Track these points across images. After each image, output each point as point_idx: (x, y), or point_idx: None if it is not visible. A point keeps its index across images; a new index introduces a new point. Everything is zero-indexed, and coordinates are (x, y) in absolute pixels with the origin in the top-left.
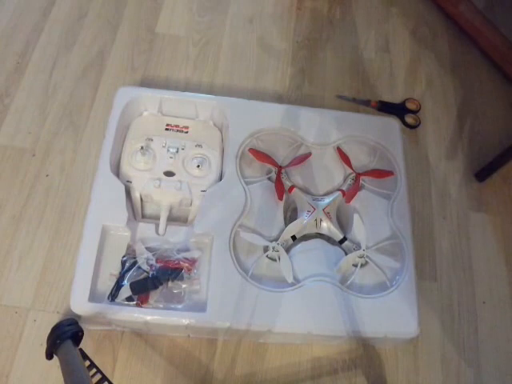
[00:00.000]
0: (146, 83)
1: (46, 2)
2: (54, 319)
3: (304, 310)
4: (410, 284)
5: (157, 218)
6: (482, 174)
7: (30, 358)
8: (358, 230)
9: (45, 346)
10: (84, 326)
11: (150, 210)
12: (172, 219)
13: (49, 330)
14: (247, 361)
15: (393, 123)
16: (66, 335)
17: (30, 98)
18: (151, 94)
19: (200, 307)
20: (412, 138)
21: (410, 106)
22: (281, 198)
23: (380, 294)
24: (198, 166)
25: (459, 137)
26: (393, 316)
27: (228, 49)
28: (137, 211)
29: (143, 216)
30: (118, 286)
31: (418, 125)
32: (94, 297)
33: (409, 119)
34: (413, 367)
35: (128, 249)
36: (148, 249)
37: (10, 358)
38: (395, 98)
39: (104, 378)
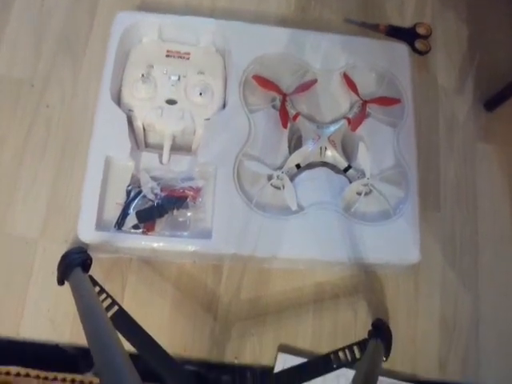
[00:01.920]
0: (145, 7)
1: None
2: (63, 248)
3: (308, 237)
4: (413, 212)
5: (160, 147)
6: (492, 103)
7: (44, 284)
8: (363, 159)
9: (56, 273)
10: (92, 254)
11: (153, 139)
12: (175, 148)
13: (59, 259)
14: (252, 285)
15: (402, 49)
16: (75, 263)
17: (22, 26)
18: (151, 18)
19: (205, 235)
20: (421, 64)
21: (421, 30)
22: (285, 126)
23: (383, 222)
24: (201, 94)
25: (470, 65)
26: (395, 243)
27: None
28: (140, 141)
29: (146, 145)
30: (124, 214)
31: (428, 51)
32: (100, 225)
33: (419, 45)
34: (413, 293)
35: (132, 178)
36: (152, 178)
37: (25, 285)
38: (405, 22)
39: (114, 302)
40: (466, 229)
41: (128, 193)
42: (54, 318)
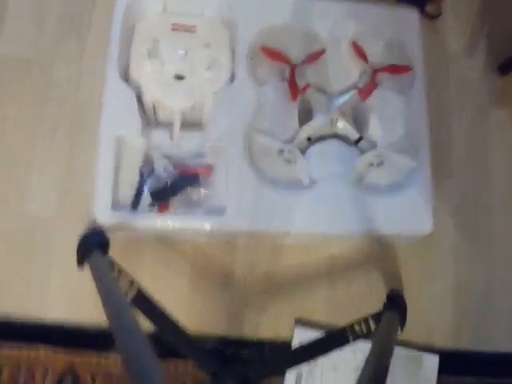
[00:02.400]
0: None
1: None
2: (81, 228)
3: (320, 211)
4: (425, 182)
5: (171, 124)
6: (506, 66)
7: (64, 265)
8: (374, 129)
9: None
10: (109, 234)
11: (163, 116)
12: (186, 124)
13: (77, 240)
14: (266, 261)
15: (411, 15)
16: (92, 245)
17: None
18: None
19: (219, 211)
20: (432, 28)
21: None
22: (294, 98)
23: (395, 193)
24: (208, 68)
25: (481, 28)
26: (407, 214)
27: None
28: (150, 118)
29: (157, 123)
30: (139, 194)
31: (439, 14)
32: (116, 206)
33: (430, 8)
34: (426, 263)
35: (145, 157)
36: (164, 156)
37: (47, 267)
38: None
39: (133, 282)
40: (479, 194)
41: (141, 172)
42: (77, 298)
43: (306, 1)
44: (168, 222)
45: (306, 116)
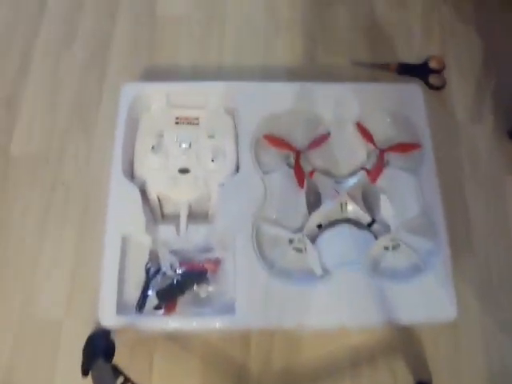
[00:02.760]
0: (153, 74)
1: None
2: (88, 329)
3: (336, 303)
4: (445, 264)
5: (177, 217)
6: None
7: (70, 369)
8: (386, 211)
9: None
10: (117, 332)
11: (168, 209)
12: (192, 217)
13: (83, 341)
14: (283, 354)
15: (414, 89)
16: (96, 353)
17: (36, 103)
18: (157, 87)
19: (228, 309)
20: (438, 100)
21: (433, 64)
22: (301, 185)
23: (414, 278)
24: (213, 160)
25: (488, 94)
26: (428, 300)
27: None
28: (156, 213)
29: (163, 216)
30: (144, 295)
31: (444, 85)
32: (121, 309)
33: (433, 80)
34: (453, 349)
35: (151, 254)
36: (171, 252)
37: (51, 371)
38: (416, 57)
39: None
40: (502, 267)
41: (147, 271)
42: None
43: (307, 84)
44: (175, 324)
45: (314, 201)
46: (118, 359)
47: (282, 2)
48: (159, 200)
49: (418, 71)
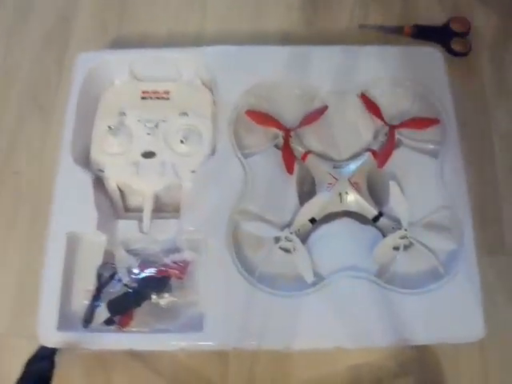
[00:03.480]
0: (120, 45)
1: None
2: (34, 346)
3: (331, 318)
4: (471, 269)
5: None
6: None
7: None
8: (397, 203)
9: None
10: (67, 351)
11: (134, 201)
12: (161, 210)
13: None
14: (268, 375)
15: (434, 53)
16: (28, 380)
17: None
18: (118, 56)
19: (196, 324)
20: (462, 69)
21: (456, 27)
22: (291, 171)
23: (431, 287)
24: (182, 142)
25: None
26: (450, 315)
27: None
28: (117, 206)
29: (127, 210)
30: (94, 306)
31: (469, 51)
32: (64, 324)
33: (456, 45)
34: (479, 370)
35: (106, 256)
36: (132, 252)
37: None
38: (436, 18)
39: None
40: None
41: (99, 277)
42: None
43: (300, 49)
44: (129, 342)
45: (307, 190)
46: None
47: None
48: (121, 191)
49: (438, 35)
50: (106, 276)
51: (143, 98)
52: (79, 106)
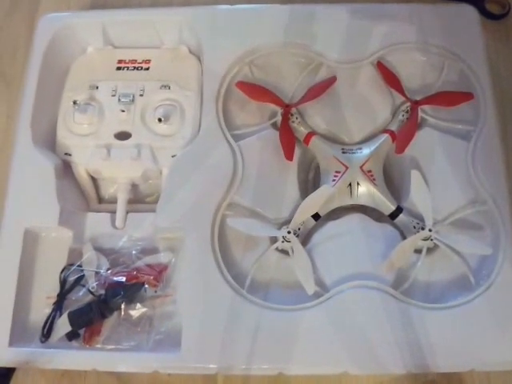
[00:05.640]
0: (100, 8)
1: None
2: None
3: (336, 338)
4: (509, 278)
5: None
6: None
7: None
8: (420, 196)
9: None
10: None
11: (109, 191)
12: (138, 201)
13: None
14: None
15: (467, 13)
16: None
17: None
18: (89, 17)
19: (172, 342)
20: (499, 33)
21: None
22: (290, 157)
23: (459, 301)
24: (160, 120)
25: None
26: (481, 336)
27: None
28: (89, 196)
29: (102, 200)
30: (54, 317)
31: (507, 12)
32: (18, 338)
33: (491, 6)
34: None
35: (71, 257)
36: (102, 252)
37: None
38: None
39: None
40: None
41: (63, 281)
42: None
43: (303, 7)
44: (93, 361)
45: (312, 179)
46: None
47: None
48: (93, 178)
49: None
50: (70, 280)
51: (119, 69)
52: (42, 77)
